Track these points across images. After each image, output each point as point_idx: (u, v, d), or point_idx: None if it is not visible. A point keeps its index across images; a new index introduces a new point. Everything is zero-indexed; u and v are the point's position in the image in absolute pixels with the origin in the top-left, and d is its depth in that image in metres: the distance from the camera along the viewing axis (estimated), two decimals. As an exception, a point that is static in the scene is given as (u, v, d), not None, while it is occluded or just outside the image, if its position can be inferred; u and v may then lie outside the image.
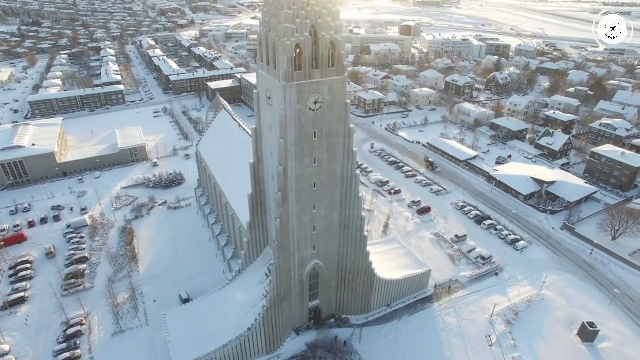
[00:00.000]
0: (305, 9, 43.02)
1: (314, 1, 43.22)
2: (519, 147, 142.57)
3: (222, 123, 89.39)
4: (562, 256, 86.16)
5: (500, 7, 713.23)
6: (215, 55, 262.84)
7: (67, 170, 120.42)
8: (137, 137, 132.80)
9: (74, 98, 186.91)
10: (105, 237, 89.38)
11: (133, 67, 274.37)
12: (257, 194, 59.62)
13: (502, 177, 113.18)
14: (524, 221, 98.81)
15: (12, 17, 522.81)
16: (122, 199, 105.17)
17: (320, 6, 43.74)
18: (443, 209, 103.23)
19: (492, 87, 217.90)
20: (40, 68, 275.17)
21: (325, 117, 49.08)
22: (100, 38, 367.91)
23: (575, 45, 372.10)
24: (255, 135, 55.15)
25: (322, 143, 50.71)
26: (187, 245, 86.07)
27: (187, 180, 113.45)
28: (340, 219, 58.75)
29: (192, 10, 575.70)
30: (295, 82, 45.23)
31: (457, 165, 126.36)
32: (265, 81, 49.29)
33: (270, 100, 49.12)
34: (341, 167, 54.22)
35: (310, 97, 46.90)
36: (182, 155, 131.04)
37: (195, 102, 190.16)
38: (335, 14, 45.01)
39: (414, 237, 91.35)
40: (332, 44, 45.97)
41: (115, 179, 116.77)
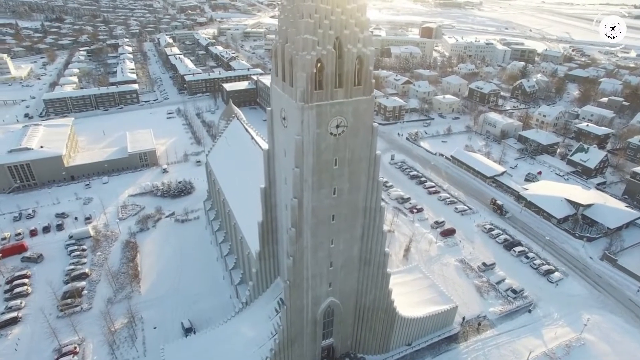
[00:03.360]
0: (329, 18, 36.43)
1: (339, 9, 36.56)
2: (550, 163, 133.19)
3: (234, 133, 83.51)
4: (604, 292, 77.59)
5: (524, 9, 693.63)
6: (233, 55, 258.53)
7: (75, 175, 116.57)
8: (147, 141, 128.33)
9: (88, 97, 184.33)
10: (107, 252, 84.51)
11: (150, 66, 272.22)
12: (268, 222, 53.32)
13: (533, 197, 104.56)
14: (558, 248, 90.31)
15: (37, 13, 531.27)
16: (129, 208, 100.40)
17: (346, 15, 37.08)
18: (469, 231, 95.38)
19: (519, 95, 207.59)
20: (59, 65, 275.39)
21: (348, 142, 42.42)
22: (120, 35, 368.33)
23: (604, 50, 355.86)
24: (267, 158, 48.81)
25: (344, 171, 44.08)
26: (193, 264, 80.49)
27: (196, 189, 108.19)
28: (361, 254, 52.05)
29: (212, 8, 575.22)
30: (315, 103, 38.69)
31: (484, 181, 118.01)
32: (280, 99, 42.86)
33: (285, 121, 42.69)
34: (364, 198, 47.51)
35: (332, 120, 40.30)
36: (193, 161, 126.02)
37: (209, 104, 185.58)
38: (363, 24, 38.30)
39: (437, 263, 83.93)
40: (360, 59, 39.27)
41: (123, 185, 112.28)
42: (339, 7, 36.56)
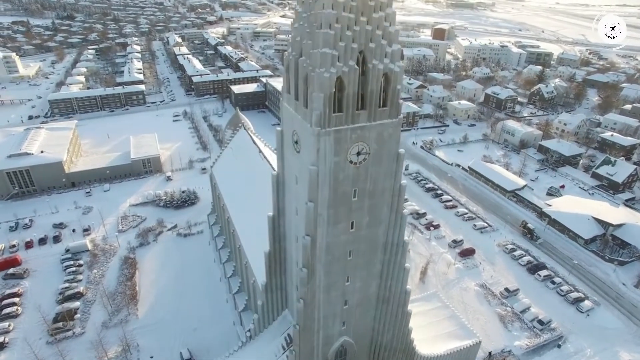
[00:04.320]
0: (352, 29, 30.74)
1: (364, 18, 30.86)
2: (572, 176, 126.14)
3: (241, 145, 78.21)
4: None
5: (537, 10, 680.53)
6: (242, 56, 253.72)
7: (76, 181, 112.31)
8: (152, 146, 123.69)
9: (93, 98, 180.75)
10: (105, 268, 79.75)
11: (158, 65, 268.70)
12: (275, 253, 47.82)
13: (558, 215, 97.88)
14: (586, 272, 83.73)
15: (49, 10, 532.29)
16: (129, 219, 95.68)
17: (372, 25, 31.35)
18: (489, 251, 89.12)
19: (536, 101, 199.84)
20: (67, 63, 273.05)
21: (370, 171, 36.75)
22: (129, 34, 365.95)
23: (622, 53, 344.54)
24: (276, 184, 43.30)
25: (364, 204, 38.42)
26: (195, 284, 75.36)
27: (201, 200, 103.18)
28: (379, 292, 46.31)
29: (222, 7, 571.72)
30: (334, 128, 33.08)
31: (503, 195, 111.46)
32: (292, 120, 37.31)
33: (297, 145, 37.15)
34: (385, 233, 41.78)
35: (353, 147, 34.67)
36: (198, 168, 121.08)
37: (217, 106, 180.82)
38: (392, 35, 32.58)
39: (456, 287, 77.91)
40: (387, 76, 33.58)
41: (124, 193, 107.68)
42: (364, 15, 30.88)
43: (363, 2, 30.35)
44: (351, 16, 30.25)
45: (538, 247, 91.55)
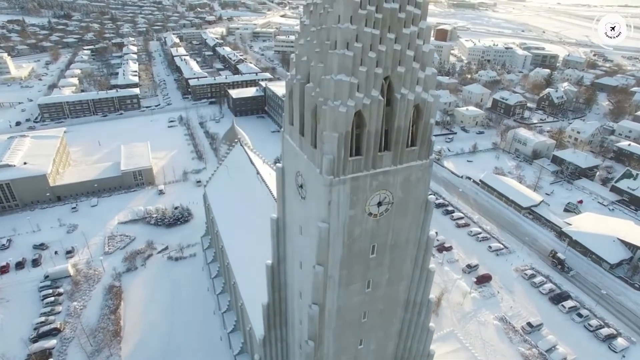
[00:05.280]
0: (376, 49, 23.46)
1: (391, 35, 23.59)
2: (590, 189, 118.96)
3: (237, 163, 70.93)
4: (681, 369, 64.02)
5: (539, 11, 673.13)
6: (240, 58, 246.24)
7: (62, 195, 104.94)
8: (143, 156, 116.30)
9: (85, 102, 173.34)
10: (87, 297, 72.47)
11: (154, 67, 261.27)
12: (275, 304, 40.57)
13: (579, 235, 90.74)
14: (615, 303, 76.60)
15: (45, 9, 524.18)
16: (117, 239, 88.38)
17: (402, 43, 24.07)
18: (507, 277, 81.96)
19: (546, 106, 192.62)
20: (62, 64, 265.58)
21: (392, 223, 29.56)
22: (126, 33, 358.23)
23: (628, 55, 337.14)
24: (276, 230, 36.08)
25: (384, 260, 31.25)
26: (186, 317, 68.07)
27: (195, 217, 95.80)
28: (397, 352, 39.18)
29: (222, 6, 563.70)
30: (350, 175, 25.90)
31: (518, 212, 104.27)
32: (296, 158, 30.06)
33: (302, 190, 29.93)
34: (407, 289, 34.63)
35: (373, 196, 27.48)
36: (193, 181, 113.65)
37: (214, 111, 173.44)
38: (426, 56, 25.35)
39: (473, 321, 70.74)
40: (418, 108, 26.35)
41: (113, 209, 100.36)
42: (392, 31, 23.63)
43: (391, 14, 23.09)
44: (375, 32, 22.98)
45: (560, 272, 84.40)
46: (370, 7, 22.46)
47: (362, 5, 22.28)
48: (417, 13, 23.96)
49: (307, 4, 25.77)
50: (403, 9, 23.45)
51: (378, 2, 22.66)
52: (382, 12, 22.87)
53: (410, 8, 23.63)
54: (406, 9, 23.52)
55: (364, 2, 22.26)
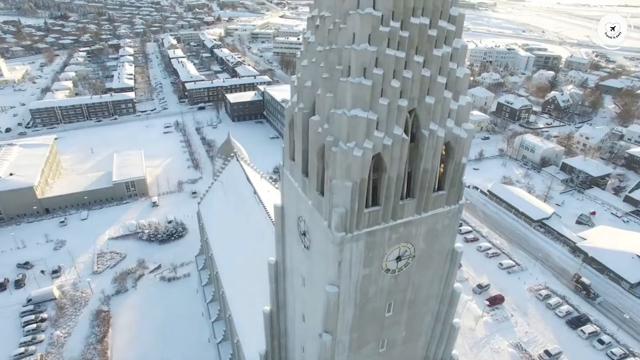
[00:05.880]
0: (400, 76, 18.50)
1: (419, 58, 18.63)
2: (602, 199, 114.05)
3: (233, 180, 65.97)
4: None
5: (539, 11, 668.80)
6: (238, 60, 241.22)
7: (50, 207, 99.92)
8: (137, 166, 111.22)
9: (79, 107, 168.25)
10: (72, 323, 67.43)
11: (151, 69, 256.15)
12: (274, 352, 35.72)
13: (595, 252, 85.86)
14: (638, 326, 71.72)
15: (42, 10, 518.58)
16: (107, 257, 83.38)
17: (432, 67, 19.09)
18: (520, 298, 77.08)
19: (551, 110, 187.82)
20: (57, 66, 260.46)
21: (413, 277, 24.69)
22: (123, 35, 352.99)
23: (630, 56, 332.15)
24: (274, 274, 31.17)
25: (401, 317, 26.38)
26: (179, 346, 63.06)
27: (189, 232, 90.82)
28: (413, 411, 34.27)
29: (220, 6, 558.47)
30: (365, 229, 20.99)
31: (529, 225, 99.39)
32: (298, 201, 25.11)
33: (306, 239, 25.01)
34: (426, 346, 29.77)
35: (392, 251, 22.58)
36: (188, 192, 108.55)
37: (211, 116, 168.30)
38: (460, 83, 20.42)
39: (486, 349, 65.83)
40: (449, 146, 21.42)
41: (104, 222, 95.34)
42: (420, 53, 18.69)
43: (420, 31, 18.17)
44: (400, 55, 18.05)
45: (575, 291, 79.56)
46: (394, 22, 17.56)
47: (384, 21, 17.37)
48: (451, 29, 19.04)
49: (311, 17, 20.84)
50: (434, 24, 18.54)
51: (404, 17, 17.74)
52: (409, 29, 17.95)
53: (443, 23, 18.71)
54: (438, 24, 18.59)
55: (386, 17, 17.34)
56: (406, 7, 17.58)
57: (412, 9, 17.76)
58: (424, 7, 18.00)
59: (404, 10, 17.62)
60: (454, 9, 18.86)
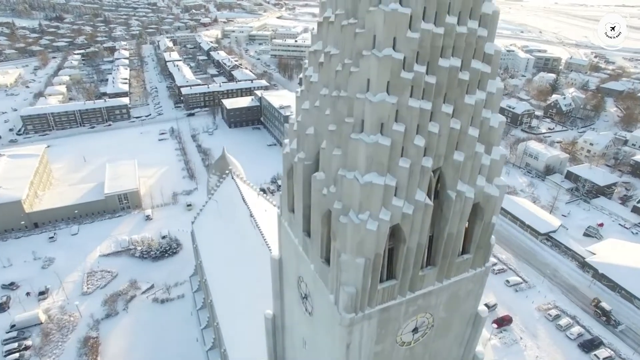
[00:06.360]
0: (425, 131, 15.00)
1: (448, 108, 15.13)
2: (609, 209, 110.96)
3: (228, 199, 62.47)
4: None
5: (537, 11, 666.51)
6: (235, 63, 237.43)
7: (39, 222, 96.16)
8: (130, 177, 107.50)
9: (72, 113, 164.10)
10: (59, 352, 63.77)
11: (147, 72, 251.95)
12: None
13: (606, 268, 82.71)
14: (653, 349, 68.63)
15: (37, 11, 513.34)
16: (97, 276, 79.72)
17: (463, 118, 15.57)
18: (529, 318, 73.83)
19: (554, 114, 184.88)
20: (51, 69, 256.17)
21: (430, 346, 21.27)
22: (119, 37, 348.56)
23: (629, 56, 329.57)
24: (272, 329, 27.69)
25: (416, 389, 22.90)
26: (169, 376, 59.75)
27: (184, 248, 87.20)
28: None
29: (217, 7, 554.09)
30: (378, 307, 17.53)
31: (535, 238, 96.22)
32: (298, 259, 21.58)
33: (308, 304, 21.53)
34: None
35: (407, 324, 19.13)
36: (183, 204, 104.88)
37: (207, 122, 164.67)
38: (494, 133, 16.94)
39: (497, 377, 62.67)
40: (478, 207, 17.94)
41: (95, 237, 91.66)
42: (449, 100, 15.21)
43: (450, 74, 14.69)
44: (426, 107, 14.59)
45: (586, 308, 76.37)
46: (419, 66, 14.11)
47: (406, 65, 13.92)
48: (486, 71, 15.59)
49: (313, 51, 17.37)
50: (466, 65, 15.09)
51: (431, 58, 14.29)
52: (437, 73, 14.49)
53: (477, 64, 15.27)
54: (471, 66, 15.15)
55: (409, 60, 13.89)
56: (434, 46, 14.13)
57: (440, 49, 14.31)
58: (454, 46, 14.55)
59: (431, 50, 14.18)
60: (489, 45, 15.42)
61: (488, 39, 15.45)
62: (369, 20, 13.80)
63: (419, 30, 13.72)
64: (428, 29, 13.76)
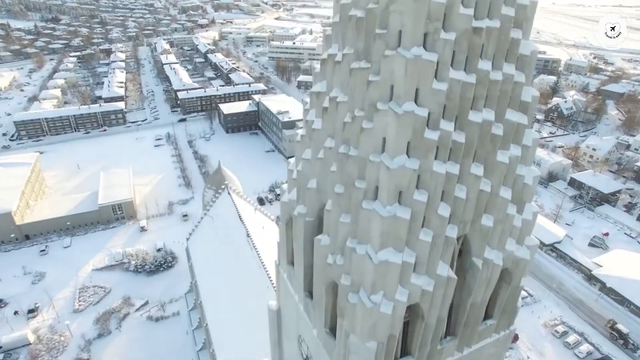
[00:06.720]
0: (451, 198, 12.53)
1: (478, 168, 12.77)
2: (613, 217, 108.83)
3: (224, 215, 59.93)
4: None
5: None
6: (233, 66, 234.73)
7: (30, 233, 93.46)
8: (124, 186, 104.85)
9: (66, 118, 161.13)
10: (47, 375, 61.32)
11: (143, 75, 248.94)
12: None
13: (613, 281, 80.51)
14: (664, 368, 66.48)
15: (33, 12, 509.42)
16: (90, 292, 77.08)
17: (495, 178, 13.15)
18: (535, 335, 71.53)
19: (555, 118, 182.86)
20: (46, 72, 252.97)
21: (449, 417, 18.79)
22: (115, 39, 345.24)
23: (628, 57, 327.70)
24: (269, 381, 25.28)
25: None
26: (162, 401, 57.26)
27: (179, 261, 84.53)
28: None
29: (214, 8, 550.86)
30: (391, 388, 15.12)
31: (540, 249, 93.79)
32: (298, 317, 19.17)
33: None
34: None
35: (425, 400, 16.68)
36: (179, 214, 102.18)
37: (204, 127, 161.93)
38: (528, 191, 14.53)
39: (504, 399, 60.14)
40: (506, 273, 15.50)
41: (88, 250, 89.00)
42: (479, 158, 12.79)
43: (481, 130, 12.28)
44: (453, 171, 12.16)
45: (594, 324, 74.16)
46: (446, 123, 11.68)
47: (431, 122, 11.50)
48: (523, 122, 13.17)
49: (316, 92, 14.93)
50: (500, 117, 12.67)
51: (459, 112, 11.87)
52: (468, 129, 12.07)
53: (513, 115, 12.85)
54: (505, 118, 12.73)
55: (435, 115, 11.48)
56: (464, 97, 11.70)
57: (471, 100, 11.89)
58: (488, 95, 12.14)
59: (461, 103, 11.74)
60: (526, 90, 13.00)
61: (527, 81, 13.04)
62: (386, 67, 11.37)
63: (447, 79, 11.31)
64: (458, 79, 11.33)
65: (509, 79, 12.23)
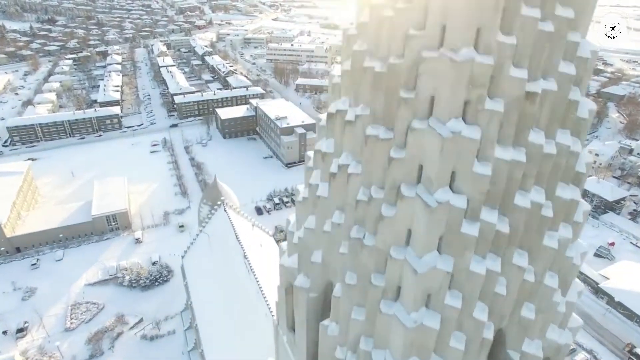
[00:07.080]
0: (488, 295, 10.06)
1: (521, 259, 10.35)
2: (619, 226, 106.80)
3: (221, 233, 57.48)
4: None
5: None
6: (230, 69, 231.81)
7: (22, 246, 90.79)
8: (119, 195, 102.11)
9: (61, 123, 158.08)
10: (36, 401, 58.80)
11: (139, 78, 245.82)
12: None
13: (621, 295, 78.43)
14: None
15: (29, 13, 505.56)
16: (82, 309, 74.37)
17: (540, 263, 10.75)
18: (544, 352, 69.29)
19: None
20: (42, 75, 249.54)
21: None
22: (112, 40, 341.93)
23: (627, 58, 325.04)
24: None
25: None
26: None
27: (175, 275, 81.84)
28: None
29: (212, 9, 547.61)
30: None
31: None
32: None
33: None
34: None
35: None
36: (175, 225, 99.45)
37: (201, 132, 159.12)
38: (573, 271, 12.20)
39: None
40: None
41: (81, 264, 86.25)
42: (523, 245, 10.39)
43: (528, 216, 9.91)
44: (494, 268, 9.81)
45: (602, 340, 72.00)
46: (487, 213, 9.31)
47: (469, 213, 9.13)
48: (576, 199, 10.82)
49: (322, 152, 12.53)
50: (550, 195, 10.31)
51: (504, 198, 9.51)
52: (512, 214, 9.73)
53: (565, 192, 10.51)
54: (555, 195, 10.38)
55: (474, 204, 9.10)
56: (512, 178, 9.34)
57: (518, 181, 9.53)
58: (539, 172, 9.79)
59: (507, 186, 9.37)
60: (581, 162, 10.65)
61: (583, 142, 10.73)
62: (414, 142, 9.02)
63: (491, 158, 8.94)
64: (505, 159, 8.97)
65: (563, 152, 9.89)
